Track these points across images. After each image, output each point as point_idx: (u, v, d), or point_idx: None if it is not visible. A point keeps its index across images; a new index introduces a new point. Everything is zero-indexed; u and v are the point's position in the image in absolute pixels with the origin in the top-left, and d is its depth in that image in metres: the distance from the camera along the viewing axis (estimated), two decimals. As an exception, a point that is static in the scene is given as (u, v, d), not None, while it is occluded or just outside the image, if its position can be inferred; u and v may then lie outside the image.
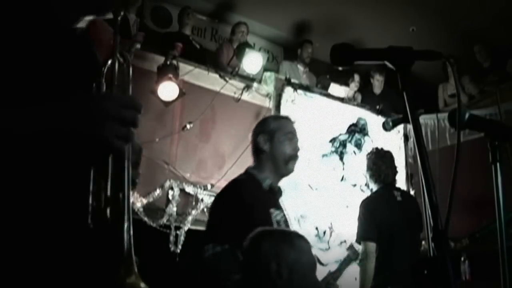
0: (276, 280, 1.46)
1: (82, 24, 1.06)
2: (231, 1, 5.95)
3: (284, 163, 2.05)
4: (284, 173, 2.09)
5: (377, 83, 5.74)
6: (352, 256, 3.14)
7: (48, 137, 0.81)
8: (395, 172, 3.40)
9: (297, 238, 1.59)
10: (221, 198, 2.03)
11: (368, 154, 3.49)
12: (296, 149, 2.09)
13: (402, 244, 3.08)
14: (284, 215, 2.04)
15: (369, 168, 3.37)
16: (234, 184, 2.03)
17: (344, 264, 3.15)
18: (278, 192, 2.09)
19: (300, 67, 5.63)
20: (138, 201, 3.57)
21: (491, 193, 1.24)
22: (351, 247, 3.22)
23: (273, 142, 2.06)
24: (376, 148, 3.53)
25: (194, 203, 3.88)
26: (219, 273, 1.75)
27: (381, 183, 3.32)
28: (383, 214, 3.16)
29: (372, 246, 3.11)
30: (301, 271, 1.50)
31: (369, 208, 3.23)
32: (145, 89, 3.74)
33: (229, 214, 1.86)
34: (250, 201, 1.89)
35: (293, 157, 2.07)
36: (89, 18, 1.05)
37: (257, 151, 2.10)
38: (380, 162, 3.34)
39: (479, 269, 4.00)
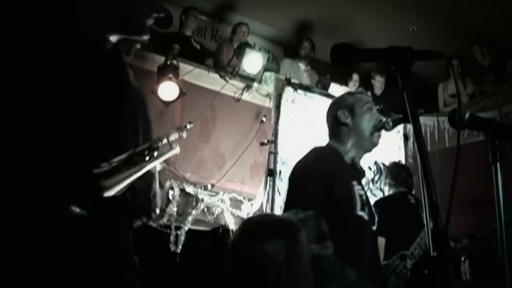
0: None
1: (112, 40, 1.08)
2: (231, 1, 5.95)
3: (369, 135, 1.93)
4: (368, 147, 1.96)
5: (378, 84, 5.74)
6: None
7: None
8: (412, 182, 3.55)
9: (296, 229, 1.37)
10: (301, 166, 1.88)
11: (390, 163, 3.74)
12: (379, 119, 1.95)
13: (410, 244, 3.12)
14: (366, 193, 1.89)
15: (389, 173, 3.58)
16: (315, 153, 1.93)
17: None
18: (360, 170, 1.97)
19: (301, 65, 5.62)
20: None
21: (491, 193, 1.24)
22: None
23: (354, 115, 1.96)
24: (399, 161, 3.86)
25: (194, 203, 3.88)
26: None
27: (397, 189, 3.49)
28: (395, 214, 3.23)
29: (381, 241, 3.15)
30: (306, 272, 1.33)
31: (379, 206, 3.29)
32: (145, 89, 3.73)
33: (309, 182, 1.74)
34: (331, 170, 1.77)
35: (378, 128, 1.93)
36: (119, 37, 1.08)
37: (338, 126, 2.00)
38: (400, 170, 3.56)
39: (479, 269, 3.99)
